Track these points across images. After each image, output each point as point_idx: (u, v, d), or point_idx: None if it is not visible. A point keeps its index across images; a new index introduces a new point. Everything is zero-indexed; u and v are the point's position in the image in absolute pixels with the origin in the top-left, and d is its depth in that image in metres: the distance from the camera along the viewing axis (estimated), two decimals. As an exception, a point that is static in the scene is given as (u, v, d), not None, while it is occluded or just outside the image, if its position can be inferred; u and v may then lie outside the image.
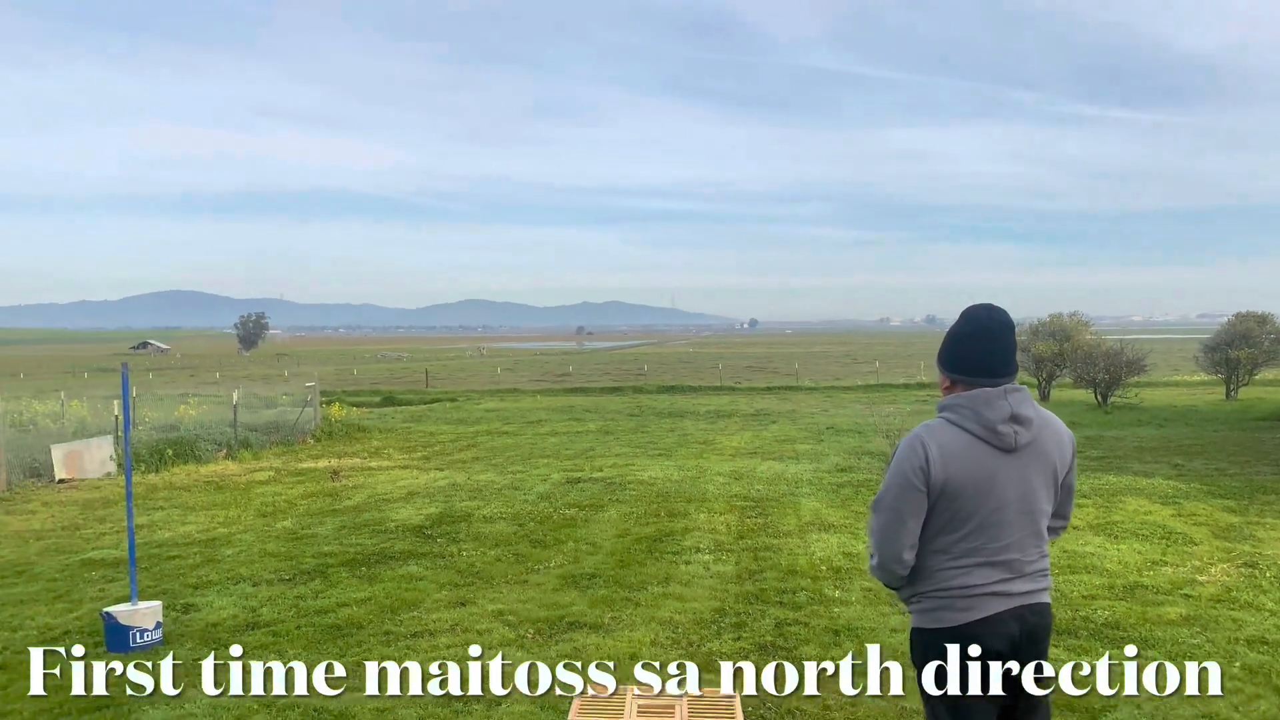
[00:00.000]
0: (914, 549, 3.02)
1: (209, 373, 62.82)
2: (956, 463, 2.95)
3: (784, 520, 10.25)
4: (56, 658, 6.04)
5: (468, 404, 33.39)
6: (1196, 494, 11.65)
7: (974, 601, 2.97)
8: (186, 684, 5.50)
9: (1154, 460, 15.03)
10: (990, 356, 3.02)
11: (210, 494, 13.06)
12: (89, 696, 5.31)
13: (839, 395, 35.02)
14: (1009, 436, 2.97)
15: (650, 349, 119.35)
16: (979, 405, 2.98)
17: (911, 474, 2.96)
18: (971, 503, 2.95)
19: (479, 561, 8.54)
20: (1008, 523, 2.98)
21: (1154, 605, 6.87)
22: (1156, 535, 9.25)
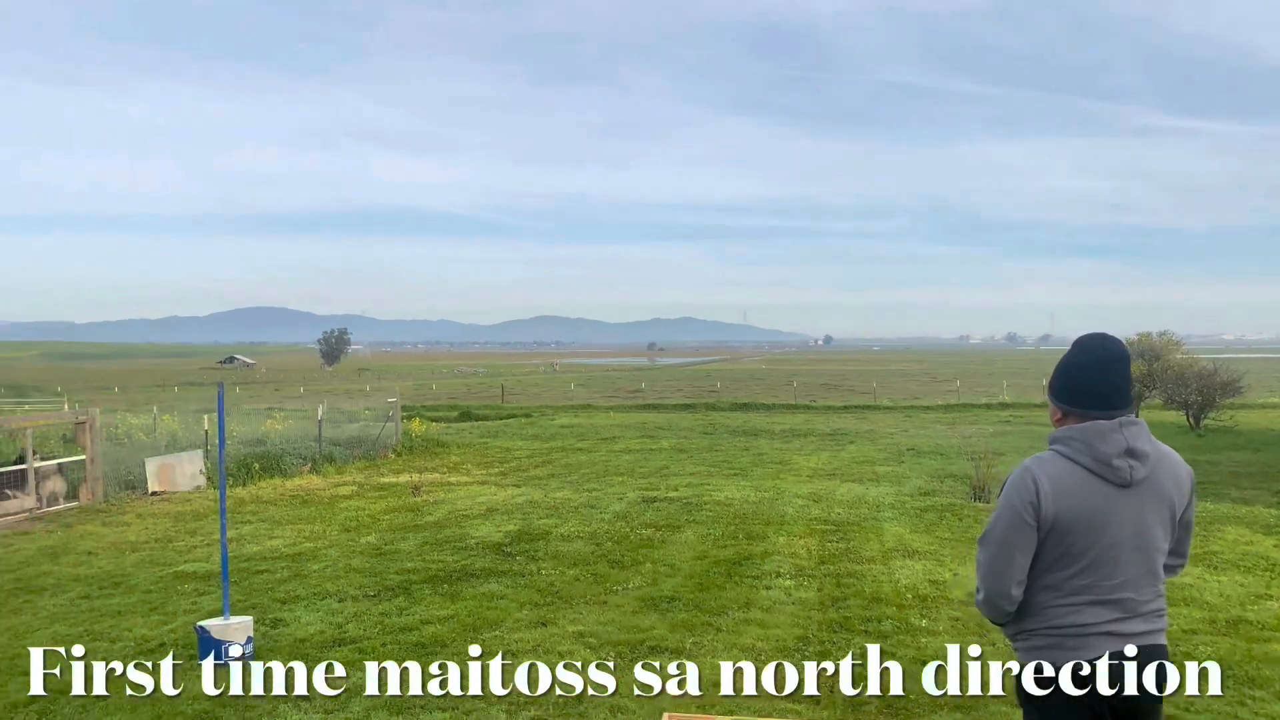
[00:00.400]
0: (1022, 585, 2.94)
1: (293, 387, 64.44)
2: (1068, 497, 2.86)
3: (866, 545, 10.07)
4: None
5: (542, 420, 33.65)
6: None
7: (1085, 641, 2.88)
8: (277, 700, 5.61)
9: (1252, 487, 14.43)
10: (1104, 388, 2.93)
11: (296, 508, 13.35)
12: (187, 710, 5.44)
13: (918, 415, 34.41)
14: (1124, 471, 2.87)
15: (723, 365, 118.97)
16: (1093, 438, 2.89)
17: (1021, 508, 2.89)
18: (1084, 539, 2.87)
19: (558, 581, 8.56)
20: (1122, 560, 2.89)
21: (1260, 642, 6.57)
22: (1260, 567, 8.85)
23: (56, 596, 8.36)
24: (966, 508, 12.47)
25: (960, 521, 11.46)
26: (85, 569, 9.52)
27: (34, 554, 10.38)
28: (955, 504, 12.79)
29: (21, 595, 8.44)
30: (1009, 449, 19.76)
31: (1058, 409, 3.05)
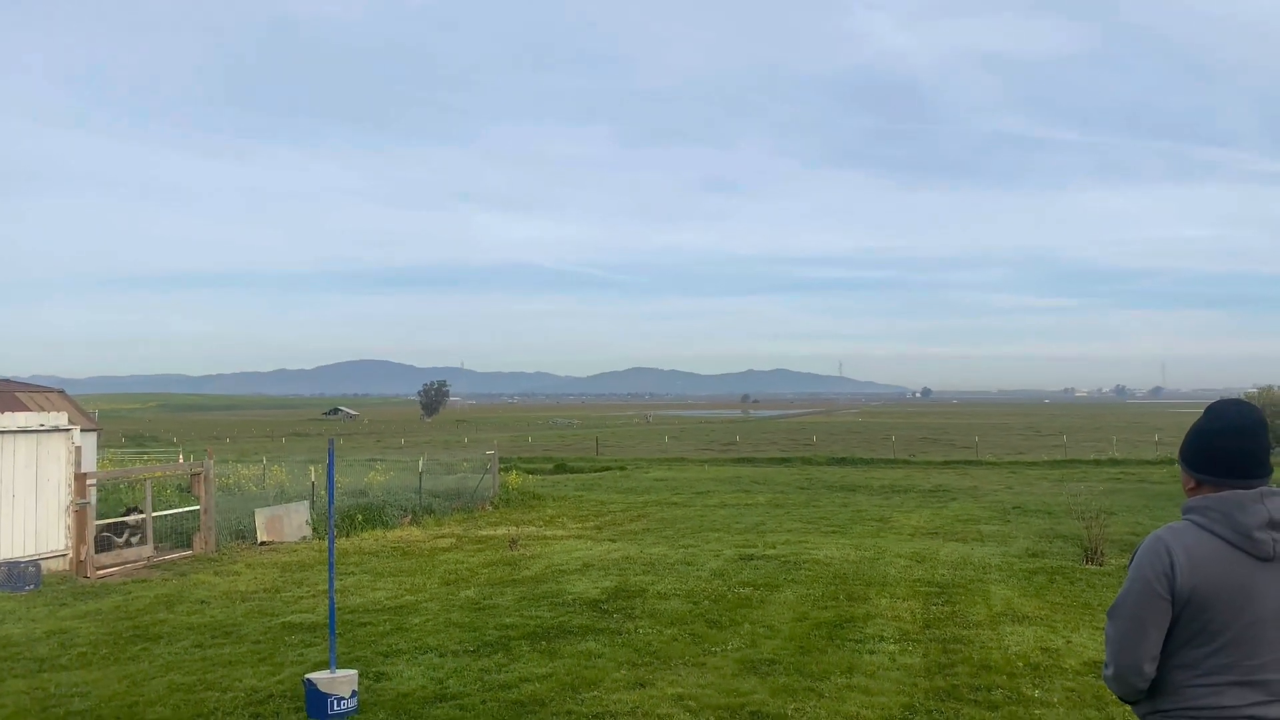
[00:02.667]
0: (1155, 661, 2.79)
1: (394, 438, 66.00)
2: (1205, 570, 2.72)
3: (973, 609, 9.73)
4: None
5: (636, 472, 33.65)
6: None
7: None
8: (381, 755, 5.66)
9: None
10: (1242, 456, 2.80)
11: (397, 560, 13.58)
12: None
13: (1023, 471, 33.29)
14: (1266, 544, 2.72)
15: (818, 418, 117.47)
16: (1232, 509, 2.75)
17: (1155, 580, 2.75)
18: (1223, 615, 2.71)
19: (655, 640, 8.49)
20: (1266, 639, 2.72)
21: None
22: None
23: (171, 645, 8.64)
24: (1078, 570, 11.97)
25: (1072, 585, 10.99)
26: (198, 618, 9.83)
27: (151, 602, 10.77)
28: (1066, 566, 12.29)
29: (139, 643, 8.75)
30: (1120, 508, 18.94)
31: (1190, 478, 2.91)
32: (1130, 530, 15.76)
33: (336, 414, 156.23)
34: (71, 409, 15.48)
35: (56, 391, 17.33)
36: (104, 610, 10.36)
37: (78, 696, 7.01)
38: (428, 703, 6.73)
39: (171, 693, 7.07)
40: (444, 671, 7.54)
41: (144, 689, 7.18)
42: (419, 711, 6.53)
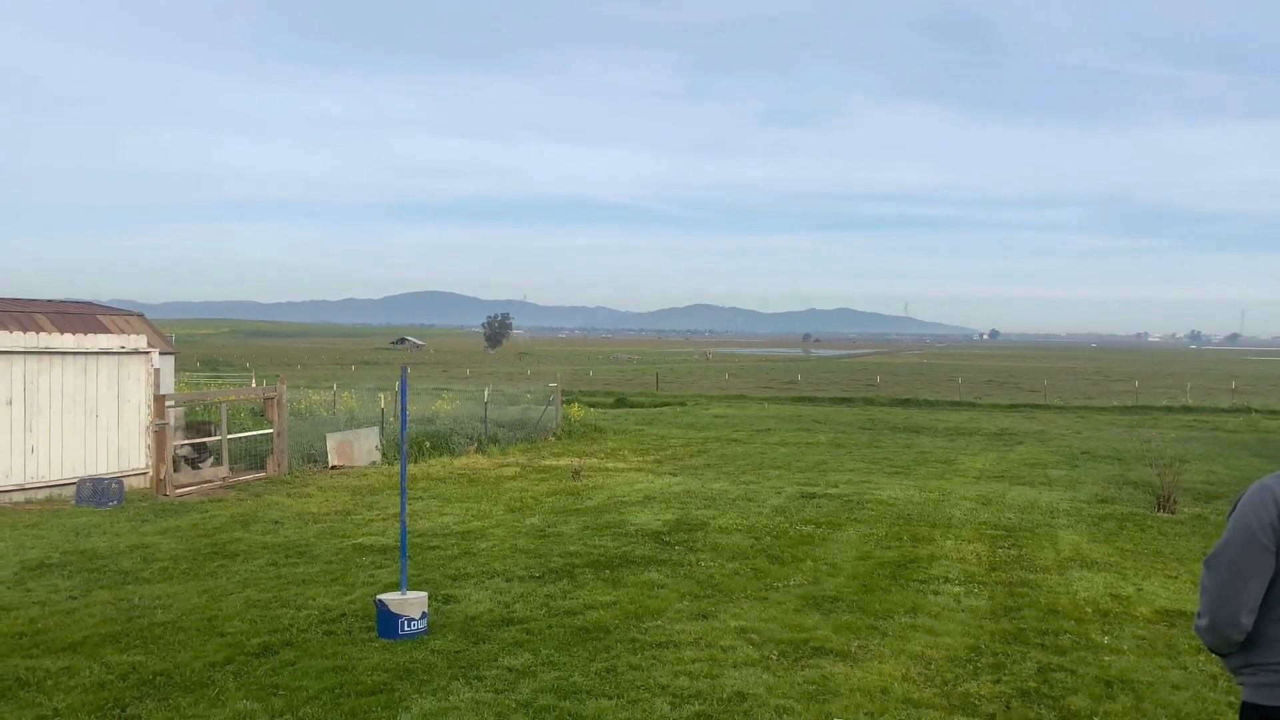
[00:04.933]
0: (1254, 614, 2.70)
1: (459, 369, 66.93)
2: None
3: (1040, 553, 9.60)
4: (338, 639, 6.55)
5: (696, 408, 33.69)
6: None
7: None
8: (450, 675, 5.81)
9: None
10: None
11: (463, 486, 13.83)
12: (366, 681, 5.70)
13: (1092, 416, 32.62)
14: None
15: (882, 358, 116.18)
16: None
17: (1259, 529, 2.65)
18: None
19: (718, 574, 8.53)
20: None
21: None
22: None
23: (248, 562, 8.93)
24: (1150, 518, 11.72)
25: (1143, 532, 10.78)
26: (273, 537, 10.13)
27: (227, 521, 11.13)
28: (1137, 513, 12.04)
29: (218, 559, 9.05)
30: (1194, 456, 18.48)
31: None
32: (1204, 479, 15.38)
33: (403, 344, 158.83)
34: (150, 332, 15.90)
35: (136, 315, 17.80)
36: (183, 527, 10.73)
37: (160, 608, 7.29)
38: (495, 626, 6.86)
39: (248, 608, 7.31)
40: (510, 596, 7.68)
41: (222, 604, 7.43)
42: (486, 634, 6.66)
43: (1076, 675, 5.97)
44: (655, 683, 5.71)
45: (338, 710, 5.26)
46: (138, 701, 5.36)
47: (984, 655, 6.35)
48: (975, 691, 5.66)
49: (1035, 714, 5.33)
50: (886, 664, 6.13)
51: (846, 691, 5.62)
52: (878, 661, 6.17)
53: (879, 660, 6.20)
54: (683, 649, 6.38)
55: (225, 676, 5.79)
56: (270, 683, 5.69)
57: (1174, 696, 5.62)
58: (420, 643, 6.45)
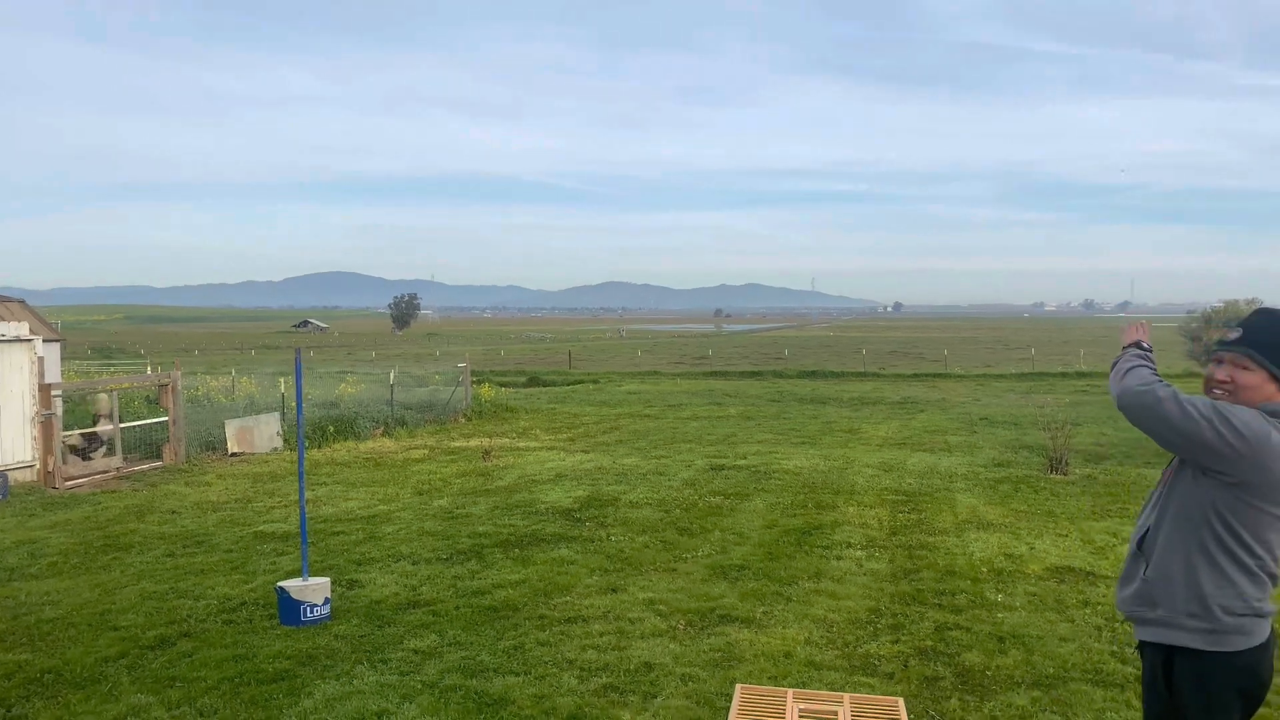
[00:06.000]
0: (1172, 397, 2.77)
1: (365, 351, 65.70)
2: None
3: (939, 517, 9.91)
4: (237, 629, 6.40)
5: (609, 385, 33.75)
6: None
7: (1258, 623, 2.80)
8: (354, 660, 5.73)
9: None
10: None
11: (369, 471, 13.60)
12: (268, 669, 5.58)
13: (991, 384, 33.73)
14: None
15: (790, 332, 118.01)
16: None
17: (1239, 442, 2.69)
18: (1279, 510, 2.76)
19: (627, 548, 8.58)
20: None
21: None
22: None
23: (143, 554, 8.64)
24: (1043, 480, 12.19)
25: (1036, 494, 11.21)
26: (170, 528, 9.82)
27: (121, 512, 10.74)
28: (1031, 476, 12.51)
29: (110, 552, 8.74)
30: (1086, 419, 19.26)
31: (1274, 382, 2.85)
32: (1095, 441, 16.05)
33: (306, 326, 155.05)
34: (33, 319, 15.19)
35: (17, 301, 16.97)
36: (73, 520, 10.32)
37: (49, 605, 7.01)
38: (400, 609, 6.79)
39: (143, 600, 7.08)
40: (417, 579, 7.60)
41: (115, 597, 7.18)
42: (392, 617, 6.58)
43: (971, 632, 6.18)
44: (563, 658, 5.73)
45: (238, 699, 5.14)
46: (24, 701, 5.16)
47: (884, 616, 6.53)
48: (875, 652, 5.82)
49: (932, 671, 5.50)
50: (790, 628, 6.26)
51: (751, 657, 5.72)
52: (782, 626, 6.30)
53: (783, 625, 6.33)
54: (591, 623, 6.41)
55: (118, 671, 5.60)
56: (167, 675, 5.52)
57: (1061, 648, 5.87)
58: (324, 629, 6.35)
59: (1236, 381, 2.87)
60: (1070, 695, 5.14)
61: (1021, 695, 5.14)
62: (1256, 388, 2.84)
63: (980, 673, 5.47)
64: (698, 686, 5.25)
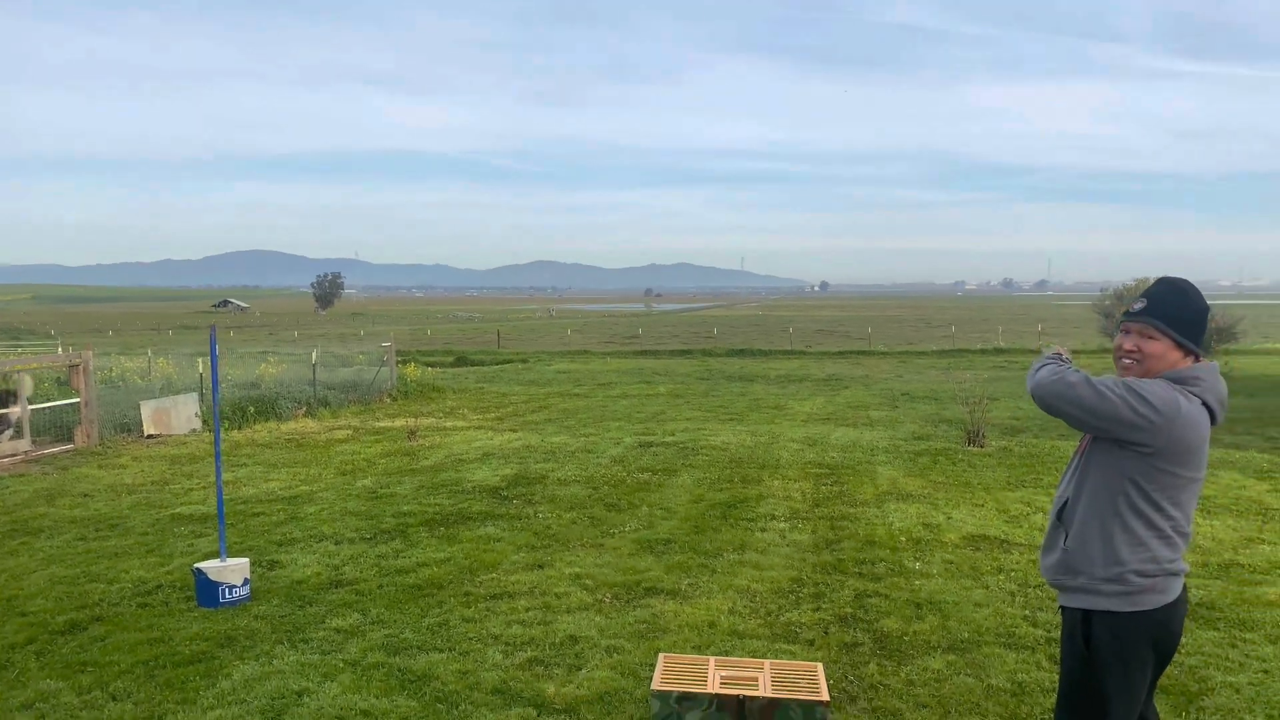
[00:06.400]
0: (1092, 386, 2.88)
1: (287, 331, 64.32)
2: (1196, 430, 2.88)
3: (860, 489, 10.11)
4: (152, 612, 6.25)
5: (539, 365, 33.62)
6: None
7: (1169, 581, 2.92)
8: (275, 640, 5.64)
9: (1246, 432, 14.47)
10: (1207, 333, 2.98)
11: (291, 451, 13.36)
12: (184, 651, 5.47)
13: (913, 360, 34.43)
14: (1221, 413, 2.97)
15: (719, 311, 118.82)
16: (1214, 379, 2.95)
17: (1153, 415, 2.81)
18: (1190, 471, 2.90)
19: (555, 524, 8.59)
20: (1195, 495, 2.96)
21: (1251, 585, 6.62)
22: (1252, 511, 8.90)
23: (53, 539, 8.37)
24: (960, 452, 12.51)
25: (954, 465, 11.50)
26: (81, 511, 9.53)
27: (30, 496, 10.39)
28: (949, 448, 12.83)
29: (18, 537, 8.45)
30: (1003, 394, 19.79)
31: (1178, 350, 2.99)
32: (1011, 415, 16.50)
33: (226, 306, 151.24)
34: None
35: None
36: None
37: (-48, 592, 6.76)
38: (323, 589, 6.70)
39: (53, 585, 6.87)
40: (340, 559, 7.50)
41: (24, 582, 6.96)
42: (314, 597, 6.50)
43: (890, 599, 6.34)
44: (488, 633, 5.72)
45: (153, 682, 5.03)
46: (-76, 691, 4.97)
47: (806, 586, 6.65)
48: (797, 620, 5.94)
49: (851, 638, 5.63)
50: (715, 599, 6.34)
51: (676, 627, 5.79)
52: (706, 597, 6.38)
53: (707, 596, 6.41)
54: (517, 599, 6.41)
55: (26, 657, 5.44)
56: (78, 660, 5.38)
57: (976, 613, 6.05)
58: (243, 610, 6.24)
59: (1143, 350, 3.00)
60: (984, 658, 5.30)
61: (937, 659, 5.29)
62: (1161, 356, 2.98)
63: (898, 638, 5.61)
64: (623, 658, 5.30)
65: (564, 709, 4.64)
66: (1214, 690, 4.84)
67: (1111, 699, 2.91)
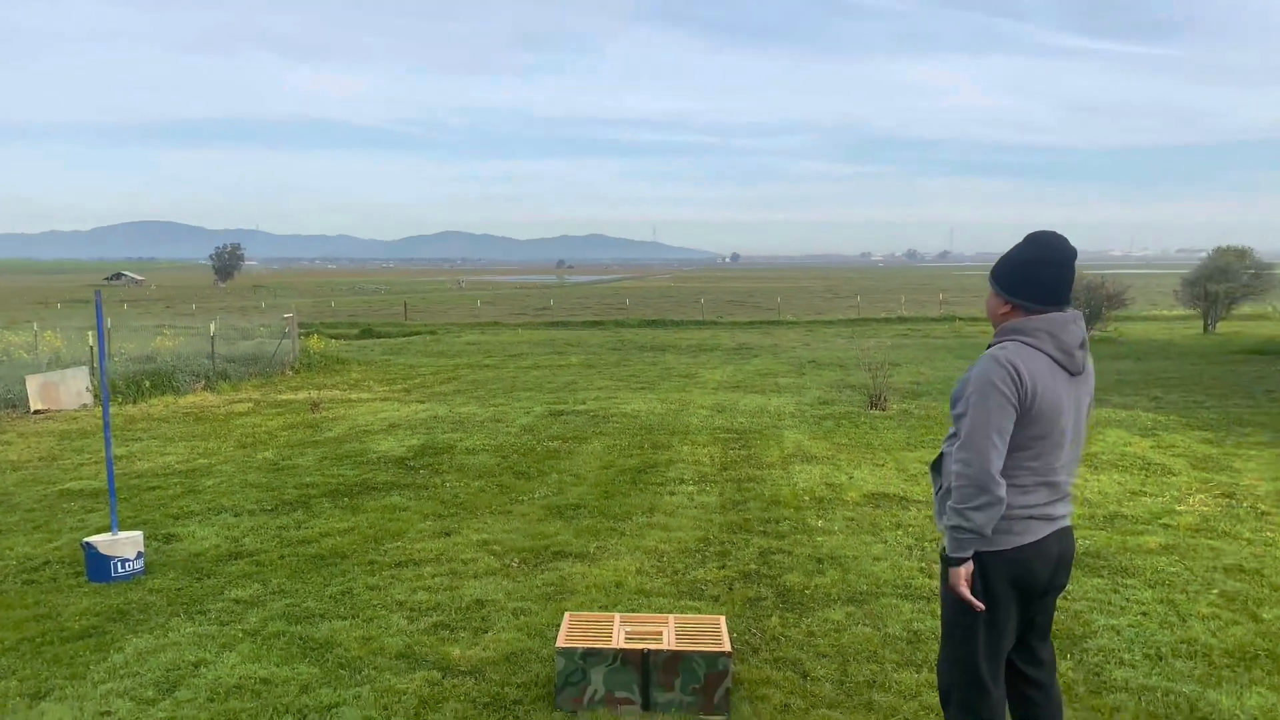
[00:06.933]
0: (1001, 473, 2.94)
1: (185, 304, 62.18)
2: (1041, 383, 2.95)
3: (767, 452, 10.28)
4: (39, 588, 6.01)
5: (448, 336, 33.22)
6: (1175, 426, 11.76)
7: (1028, 525, 3.01)
8: (170, 613, 5.49)
9: (1133, 393, 15.16)
10: (1061, 283, 3.03)
11: (189, 425, 12.96)
12: (73, 626, 5.28)
13: (820, 330, 35.07)
14: (1079, 360, 3.02)
15: (632, 283, 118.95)
16: (1056, 329, 2.99)
17: (1008, 392, 2.91)
18: (1045, 424, 2.97)
19: (462, 493, 8.53)
20: (1063, 446, 3.04)
21: (1133, 534, 6.95)
22: (1136, 466, 9.34)
23: (-70, 518, 7.97)
24: (863, 415, 12.81)
25: (857, 428, 11.77)
26: (-38, 489, 9.09)
27: (-95, 475, 9.86)
28: (853, 412, 13.12)
29: (-108, 517, 8.02)
30: (904, 360, 20.34)
31: (1008, 303, 3.07)
32: (912, 379, 16.96)
33: (120, 279, 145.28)
34: None
35: None
36: None
37: None
38: (221, 560, 6.53)
39: (-69, 565, 6.54)
40: (239, 530, 7.32)
41: (-102, 563, 6.61)
42: (212, 569, 6.33)
43: (792, 555, 6.47)
44: (393, 600, 5.66)
45: (40, 658, 4.85)
46: None
47: (712, 545, 6.75)
48: (702, 577, 6.02)
49: (755, 593, 5.74)
50: (623, 560, 6.39)
51: (584, 589, 5.81)
52: (614, 559, 6.42)
53: (615, 558, 6.45)
54: (423, 566, 6.35)
55: (-100, 639, 5.17)
56: (-43, 641, 5.14)
57: (875, 567, 6.22)
58: (137, 583, 6.04)
59: (989, 307, 3.16)
60: (881, 608, 5.46)
61: (837, 610, 5.43)
62: (994, 309, 3.13)
63: (800, 592, 5.74)
64: (529, 619, 5.30)
65: (469, 670, 4.63)
66: (1097, 633, 5.07)
67: (976, 631, 3.06)
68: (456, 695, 4.37)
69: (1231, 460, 9.62)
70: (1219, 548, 6.59)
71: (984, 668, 3.07)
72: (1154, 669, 4.62)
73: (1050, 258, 3.02)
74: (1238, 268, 30.03)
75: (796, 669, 4.63)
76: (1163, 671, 4.58)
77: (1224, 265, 30.04)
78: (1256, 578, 5.94)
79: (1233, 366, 19.29)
